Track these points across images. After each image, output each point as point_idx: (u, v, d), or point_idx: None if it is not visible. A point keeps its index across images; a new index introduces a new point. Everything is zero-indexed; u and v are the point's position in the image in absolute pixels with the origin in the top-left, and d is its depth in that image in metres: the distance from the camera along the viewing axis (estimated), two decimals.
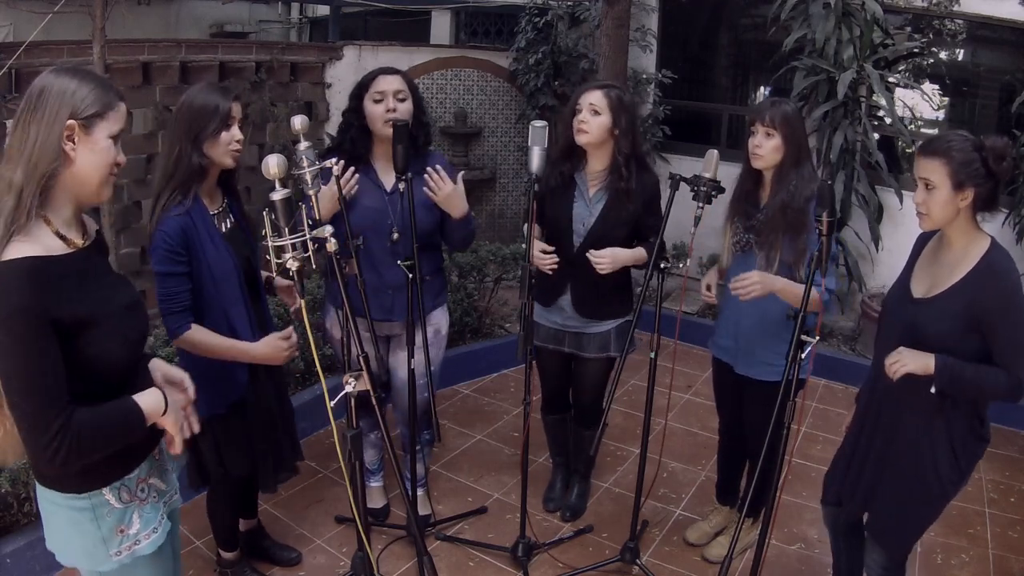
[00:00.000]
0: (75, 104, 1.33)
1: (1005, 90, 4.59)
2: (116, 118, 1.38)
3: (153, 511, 1.51)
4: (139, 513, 1.48)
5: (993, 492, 3.17)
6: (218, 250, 2.06)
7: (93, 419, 1.32)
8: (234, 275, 2.08)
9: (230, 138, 2.04)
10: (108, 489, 1.43)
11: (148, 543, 1.48)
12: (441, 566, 2.50)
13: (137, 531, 1.47)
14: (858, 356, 4.30)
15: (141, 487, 1.49)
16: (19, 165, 1.30)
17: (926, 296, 1.84)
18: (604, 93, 2.42)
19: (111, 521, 1.44)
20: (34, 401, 1.26)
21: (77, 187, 1.38)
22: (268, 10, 8.44)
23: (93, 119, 1.35)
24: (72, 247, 1.38)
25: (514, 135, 6.22)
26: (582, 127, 2.41)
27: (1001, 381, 1.72)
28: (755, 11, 5.55)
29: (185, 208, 2.01)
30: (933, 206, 1.77)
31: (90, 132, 1.35)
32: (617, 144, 2.44)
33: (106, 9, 3.64)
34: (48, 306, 1.26)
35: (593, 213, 2.51)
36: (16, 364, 1.25)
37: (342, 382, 1.80)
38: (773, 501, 1.85)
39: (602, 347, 2.62)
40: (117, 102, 1.39)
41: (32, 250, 1.28)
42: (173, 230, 1.97)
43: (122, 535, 1.45)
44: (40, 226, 1.34)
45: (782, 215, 2.24)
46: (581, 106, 2.42)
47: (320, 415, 3.34)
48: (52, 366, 1.27)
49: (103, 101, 1.36)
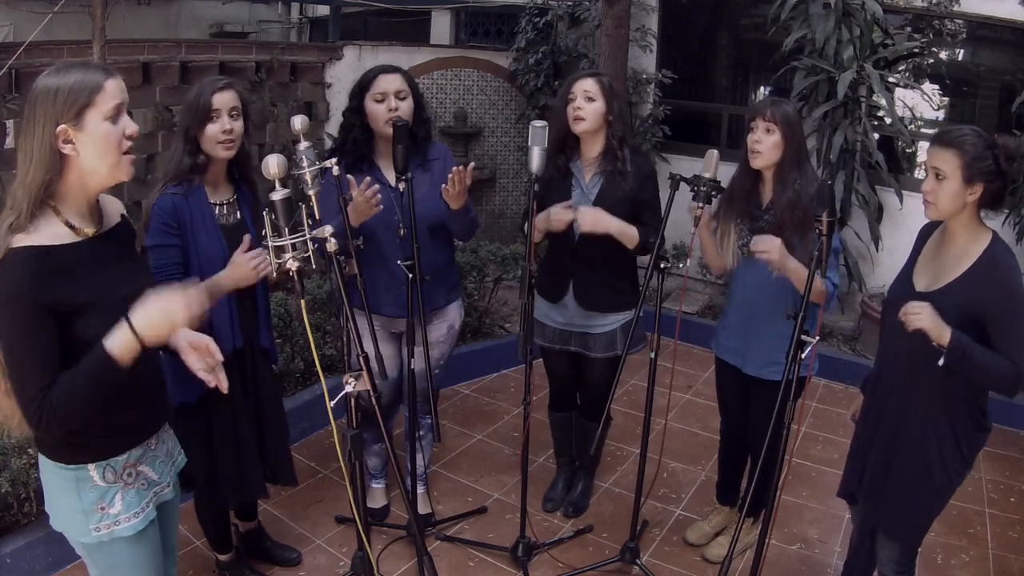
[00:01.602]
0: (57, 109, 1.33)
1: (1005, 90, 4.59)
2: (107, 97, 1.37)
3: (137, 497, 1.54)
4: (122, 495, 1.51)
5: (993, 492, 3.16)
6: (210, 237, 2.06)
7: (66, 379, 1.36)
8: (220, 266, 2.05)
9: (217, 130, 2.03)
10: (94, 466, 1.48)
11: (128, 526, 1.52)
12: (441, 566, 2.50)
13: (118, 512, 1.51)
14: (858, 356, 4.29)
15: (128, 471, 1.53)
16: (21, 184, 1.36)
17: (928, 289, 1.84)
18: (595, 80, 2.44)
19: (92, 496, 1.49)
20: (21, 375, 1.35)
21: (87, 177, 1.40)
22: (268, 10, 8.44)
23: (81, 113, 1.35)
24: (81, 236, 1.41)
25: (514, 135, 6.22)
26: (579, 114, 2.42)
27: (1006, 370, 1.73)
28: (755, 11, 5.55)
29: (182, 190, 2.03)
30: (941, 196, 1.77)
31: (82, 126, 1.35)
32: (611, 128, 2.47)
33: (106, 9, 3.64)
34: (41, 293, 1.33)
35: (590, 198, 2.51)
36: (9, 344, 1.36)
37: (342, 382, 1.81)
38: (773, 501, 1.85)
39: (608, 346, 2.63)
40: (104, 81, 1.37)
41: (34, 240, 1.34)
42: (165, 204, 2.01)
43: (102, 512, 1.50)
44: (48, 216, 1.38)
45: (791, 214, 2.23)
46: (575, 94, 2.43)
47: (320, 415, 3.34)
48: (42, 347, 1.35)
49: (86, 90, 1.35)
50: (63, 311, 1.36)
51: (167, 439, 1.67)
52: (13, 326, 1.34)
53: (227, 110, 2.05)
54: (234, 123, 2.06)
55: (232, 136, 2.06)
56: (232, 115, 2.06)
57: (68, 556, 2.35)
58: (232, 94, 2.06)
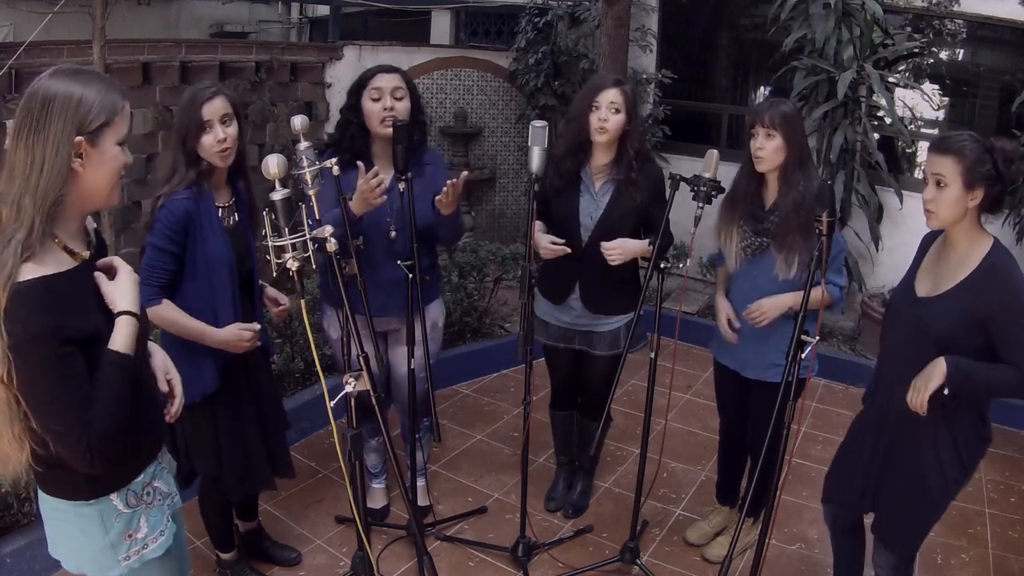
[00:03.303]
0: (81, 117, 1.25)
1: (1005, 90, 4.59)
2: (122, 122, 1.32)
3: (159, 514, 1.51)
4: (146, 517, 1.47)
5: (993, 492, 3.16)
6: (217, 240, 2.08)
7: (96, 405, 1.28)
8: (226, 267, 2.09)
9: (212, 140, 2.03)
10: (116, 495, 1.42)
11: (156, 546, 1.48)
12: (441, 566, 2.50)
13: (145, 535, 1.47)
14: (858, 356, 4.29)
15: (147, 491, 1.48)
16: (27, 191, 1.24)
17: (930, 295, 1.84)
18: (620, 90, 2.42)
19: (119, 527, 1.43)
20: (59, 418, 1.26)
21: (86, 199, 1.33)
22: (268, 10, 8.45)
23: (100, 130, 1.28)
24: (78, 260, 1.34)
25: (514, 135, 6.22)
26: (604, 126, 2.41)
27: (1011, 378, 1.73)
28: (755, 11, 5.55)
29: (193, 196, 2.04)
30: (943, 204, 1.77)
31: (98, 144, 1.29)
32: (628, 139, 2.46)
33: (106, 9, 3.65)
34: (62, 326, 1.24)
35: (600, 205, 2.51)
36: (40, 387, 1.24)
37: (342, 382, 1.81)
38: (773, 501, 1.85)
39: (612, 344, 2.63)
40: (122, 103, 1.32)
41: (44, 270, 1.25)
42: (178, 211, 2.00)
43: (130, 540, 1.44)
44: (48, 244, 1.29)
45: (796, 216, 2.23)
46: (600, 103, 2.41)
47: (320, 415, 3.34)
48: (74, 383, 1.26)
49: (109, 107, 1.29)
50: (82, 341, 1.28)
51: (165, 447, 1.66)
52: (44, 366, 1.23)
53: (218, 119, 2.03)
54: (227, 130, 2.05)
55: (227, 144, 2.06)
56: (224, 122, 2.05)
57: None
58: (221, 101, 2.05)
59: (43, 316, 1.22)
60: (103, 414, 1.27)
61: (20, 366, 1.22)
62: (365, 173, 2.19)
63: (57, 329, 1.23)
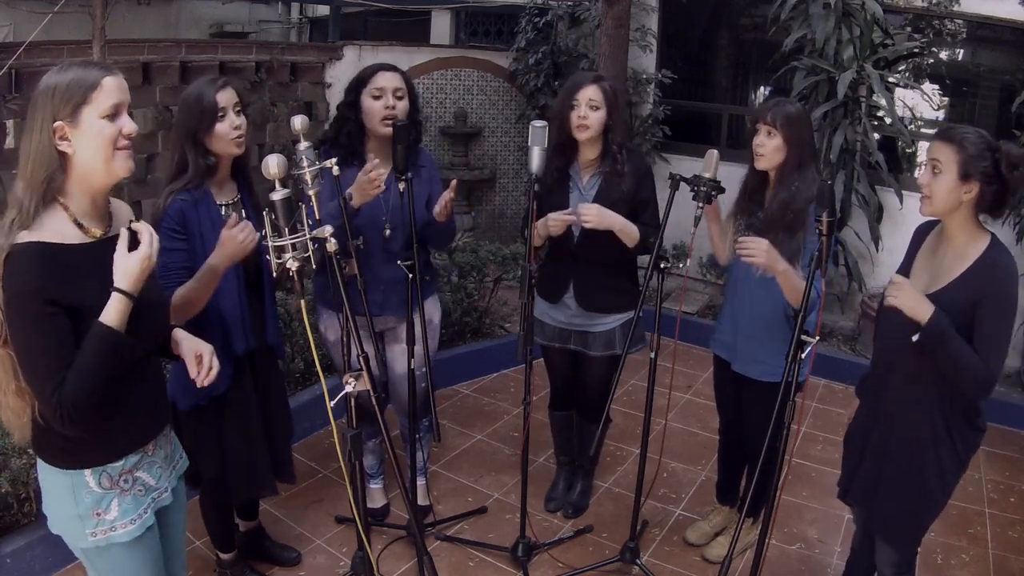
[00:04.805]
0: (53, 105, 1.35)
1: (1005, 90, 4.59)
2: (103, 96, 1.38)
3: (134, 503, 1.54)
4: (118, 501, 1.51)
5: (993, 492, 3.16)
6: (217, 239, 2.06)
7: (75, 368, 1.35)
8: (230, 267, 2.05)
9: (227, 127, 2.03)
10: (90, 472, 1.48)
11: (124, 532, 1.52)
12: (441, 566, 2.50)
13: (114, 518, 1.51)
14: (858, 356, 4.29)
15: (125, 478, 1.52)
16: (22, 178, 1.37)
17: (927, 291, 1.83)
18: (599, 87, 2.43)
19: (88, 502, 1.48)
20: (37, 372, 1.36)
21: (86, 175, 1.41)
22: (268, 10, 8.45)
23: (77, 110, 1.36)
24: (89, 236, 1.42)
25: (514, 135, 6.22)
26: (584, 123, 2.42)
27: (976, 367, 1.72)
28: (755, 11, 5.55)
29: (191, 198, 2.03)
30: (937, 190, 1.77)
31: (78, 123, 1.36)
32: (611, 134, 2.47)
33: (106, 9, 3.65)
34: (48, 288, 1.33)
35: (588, 199, 2.51)
36: (23, 341, 1.36)
37: (342, 382, 1.81)
38: (773, 501, 1.85)
39: (607, 345, 2.63)
40: (101, 79, 1.38)
41: (38, 237, 1.35)
42: (173, 210, 2.01)
43: (98, 518, 1.50)
44: (56, 213, 1.39)
45: (781, 215, 2.24)
46: (579, 101, 2.42)
47: (320, 415, 3.34)
48: (55, 342, 1.35)
49: (82, 88, 1.36)
50: (68, 311, 1.36)
51: (165, 444, 1.66)
52: (25, 322, 1.34)
53: (232, 107, 2.05)
54: (240, 119, 2.07)
55: (241, 131, 2.07)
56: (236, 111, 2.07)
57: (68, 556, 2.34)
58: (231, 91, 2.07)
59: (28, 276, 1.32)
60: (77, 378, 1.35)
61: (9, 322, 1.35)
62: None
63: (40, 290, 1.33)
